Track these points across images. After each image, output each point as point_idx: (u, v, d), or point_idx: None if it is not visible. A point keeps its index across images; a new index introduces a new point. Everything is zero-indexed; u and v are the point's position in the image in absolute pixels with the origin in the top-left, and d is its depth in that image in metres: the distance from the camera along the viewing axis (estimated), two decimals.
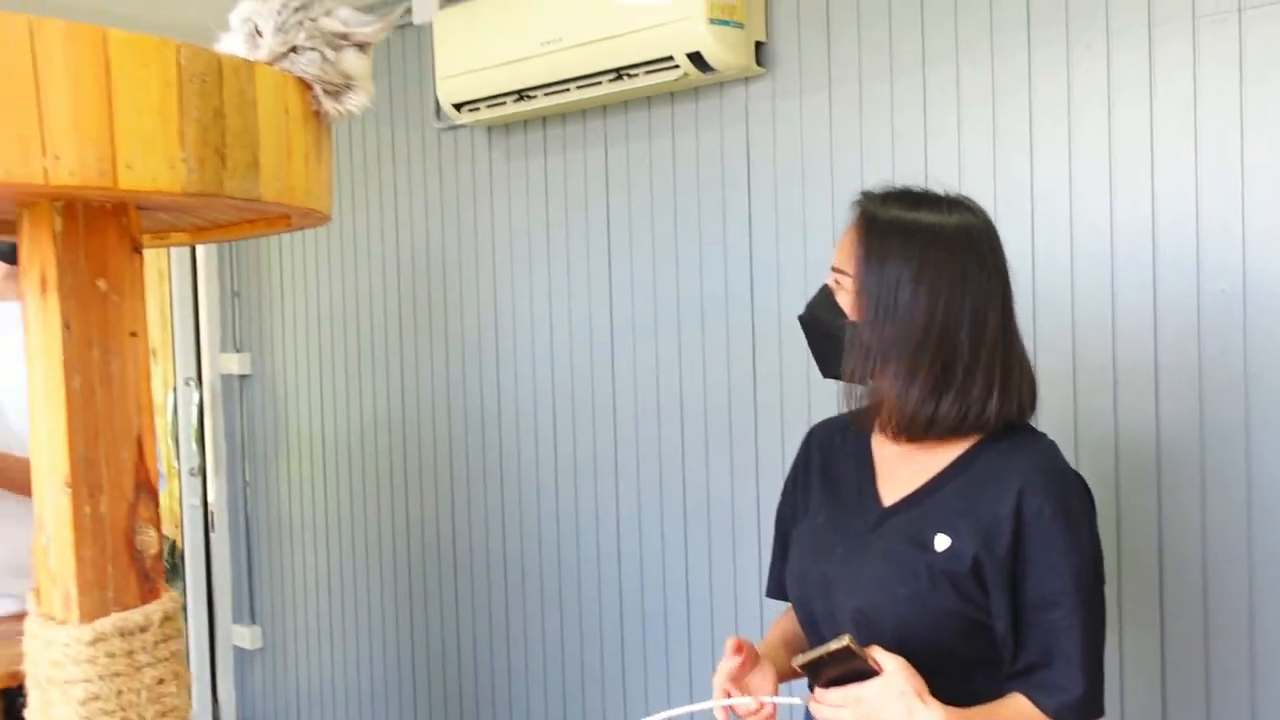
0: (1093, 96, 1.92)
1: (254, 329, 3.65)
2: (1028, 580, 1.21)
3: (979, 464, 1.27)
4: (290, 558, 3.59)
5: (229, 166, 0.92)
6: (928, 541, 1.24)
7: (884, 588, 1.25)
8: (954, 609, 1.22)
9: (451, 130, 2.95)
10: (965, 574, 1.22)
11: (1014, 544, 1.21)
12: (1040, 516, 1.21)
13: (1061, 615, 1.20)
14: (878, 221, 1.27)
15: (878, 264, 1.24)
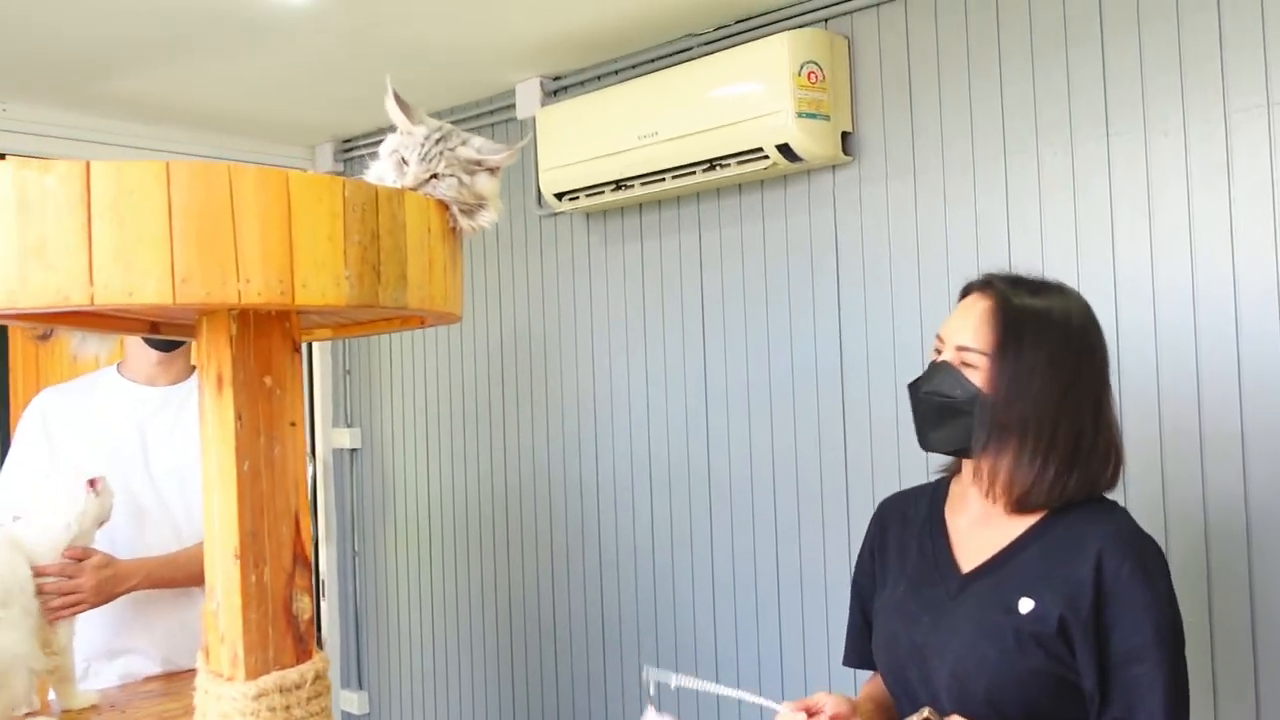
0: (1172, 181, 1.99)
1: (364, 405, 3.84)
2: (1112, 636, 1.28)
3: (1056, 530, 1.35)
4: (396, 625, 3.73)
5: (383, 280, 1.07)
6: (1012, 605, 1.32)
7: (974, 651, 1.32)
8: (1041, 668, 1.29)
9: (552, 216, 3.12)
10: (1051, 634, 1.29)
11: (1096, 603, 1.29)
12: (1120, 575, 1.29)
13: (1145, 670, 1.27)
14: (1012, 307, 1.37)
15: (1014, 348, 1.34)
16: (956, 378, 1.37)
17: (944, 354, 1.40)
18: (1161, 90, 2.00)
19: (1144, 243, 2.02)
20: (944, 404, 1.37)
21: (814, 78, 2.38)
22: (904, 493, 1.57)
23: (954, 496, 1.48)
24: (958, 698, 1.32)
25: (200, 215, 0.95)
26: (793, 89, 2.35)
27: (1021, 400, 1.33)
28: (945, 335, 1.41)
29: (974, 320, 1.38)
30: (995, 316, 1.36)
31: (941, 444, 1.40)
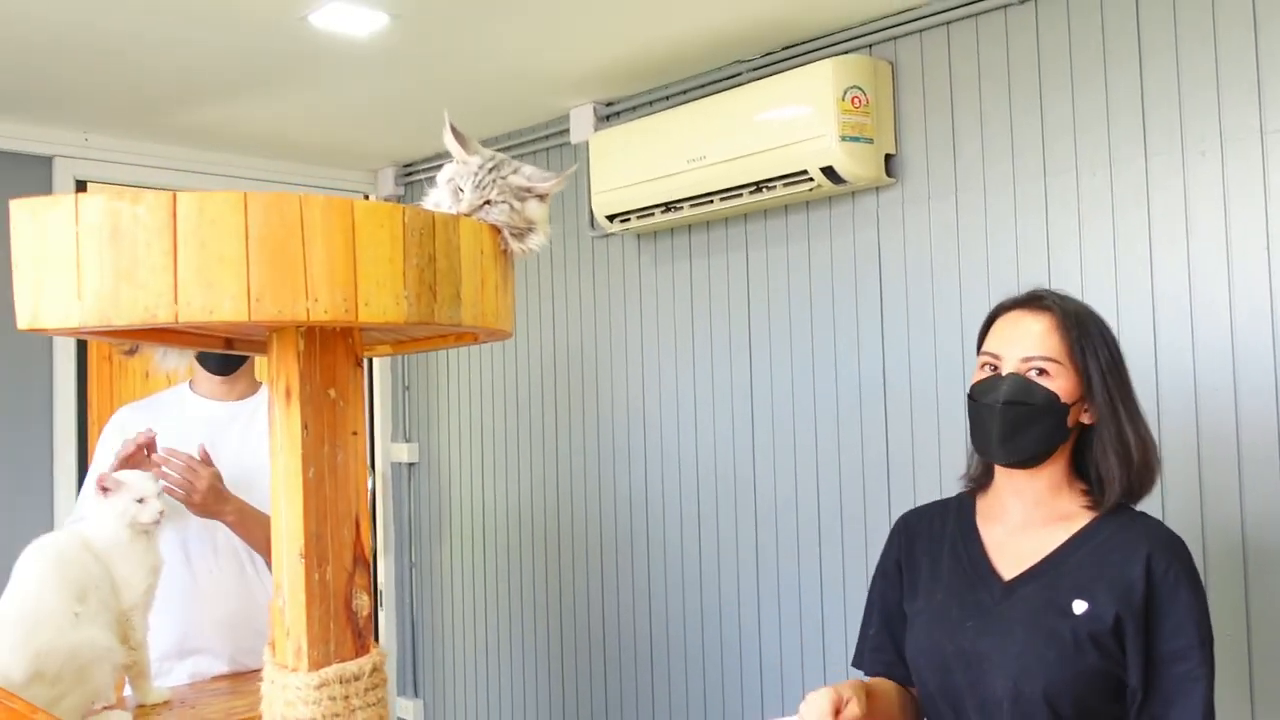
0: (1209, 200, 2.02)
1: (422, 421, 3.96)
2: (1159, 635, 1.36)
3: (1102, 536, 1.43)
4: (451, 635, 3.83)
5: (439, 299, 1.15)
6: (1066, 607, 1.38)
7: (1033, 652, 1.37)
8: (1095, 667, 1.36)
9: (604, 238, 3.21)
10: (1106, 633, 1.36)
11: (1146, 602, 1.37)
12: (1167, 578, 1.37)
13: (1189, 668, 1.35)
14: (1072, 316, 1.46)
15: (1085, 352, 1.44)
16: (1032, 386, 1.43)
17: (1005, 368, 1.46)
18: (1199, 111, 2.03)
19: (1181, 261, 2.05)
20: (1024, 412, 1.42)
21: (858, 102, 2.44)
22: (925, 508, 1.63)
23: (985, 510, 1.54)
24: (1014, 698, 1.37)
25: (273, 240, 1.04)
26: (837, 113, 2.42)
27: (1099, 398, 1.42)
28: (1000, 351, 1.47)
29: (1038, 332, 1.45)
30: (1062, 326, 1.44)
31: (1020, 452, 1.44)
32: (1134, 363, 2.09)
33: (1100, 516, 1.45)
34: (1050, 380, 1.43)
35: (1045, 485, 1.47)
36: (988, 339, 1.51)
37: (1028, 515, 1.48)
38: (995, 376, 1.46)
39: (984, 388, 1.47)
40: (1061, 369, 1.43)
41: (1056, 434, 1.43)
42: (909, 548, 1.58)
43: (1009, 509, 1.50)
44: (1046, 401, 1.42)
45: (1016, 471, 1.47)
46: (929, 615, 1.50)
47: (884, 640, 1.60)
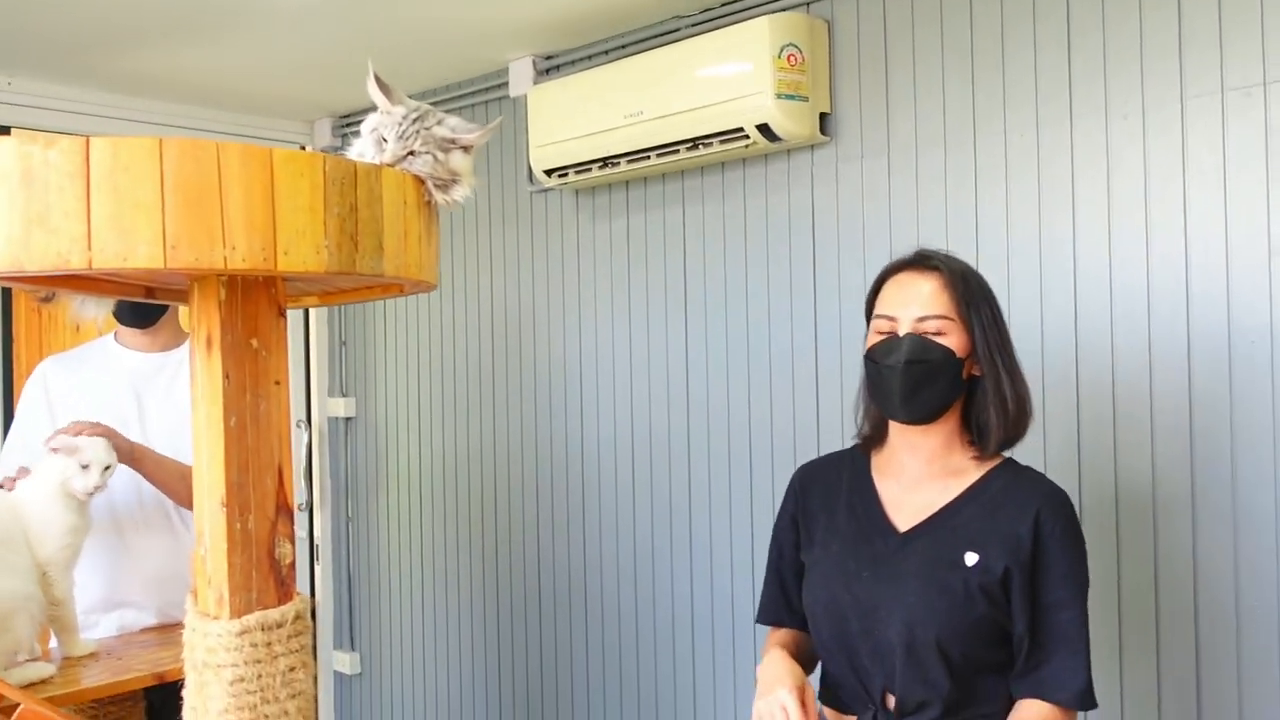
0: (1130, 164, 2.07)
1: (359, 375, 3.94)
2: (1044, 586, 1.44)
3: (992, 491, 1.50)
4: (388, 588, 3.84)
5: (361, 250, 1.15)
6: (958, 559, 1.45)
7: (925, 602, 1.44)
8: (985, 615, 1.43)
9: (543, 193, 3.20)
10: (996, 583, 1.43)
11: (1033, 556, 1.44)
12: (1054, 533, 1.46)
13: (1069, 617, 1.44)
14: (958, 275, 1.52)
15: (974, 309, 1.50)
16: (929, 345, 1.48)
17: (902, 328, 1.50)
18: (1122, 76, 2.07)
19: (1102, 221, 2.10)
20: (923, 370, 1.47)
21: (794, 60, 2.45)
22: (820, 461, 1.69)
23: (879, 465, 1.60)
24: (907, 645, 1.43)
25: (189, 187, 1.03)
26: (773, 71, 2.42)
27: (988, 353, 1.49)
28: (896, 312, 1.52)
29: (929, 291, 1.50)
30: (950, 285, 1.49)
31: (923, 409, 1.49)
32: (1058, 322, 2.15)
33: (990, 471, 1.52)
34: (945, 338, 1.48)
35: (939, 441, 1.52)
36: (880, 301, 1.55)
37: (921, 470, 1.54)
38: (893, 337, 1.50)
39: (884, 349, 1.51)
40: (953, 325, 1.48)
41: (953, 389, 1.49)
42: (805, 501, 1.63)
43: (904, 464, 1.55)
44: (944, 358, 1.47)
45: (911, 428, 1.52)
46: (826, 566, 1.55)
47: (777, 596, 1.66)
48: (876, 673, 1.47)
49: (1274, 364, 1.90)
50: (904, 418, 1.51)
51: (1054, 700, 1.41)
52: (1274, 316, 1.90)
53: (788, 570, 1.65)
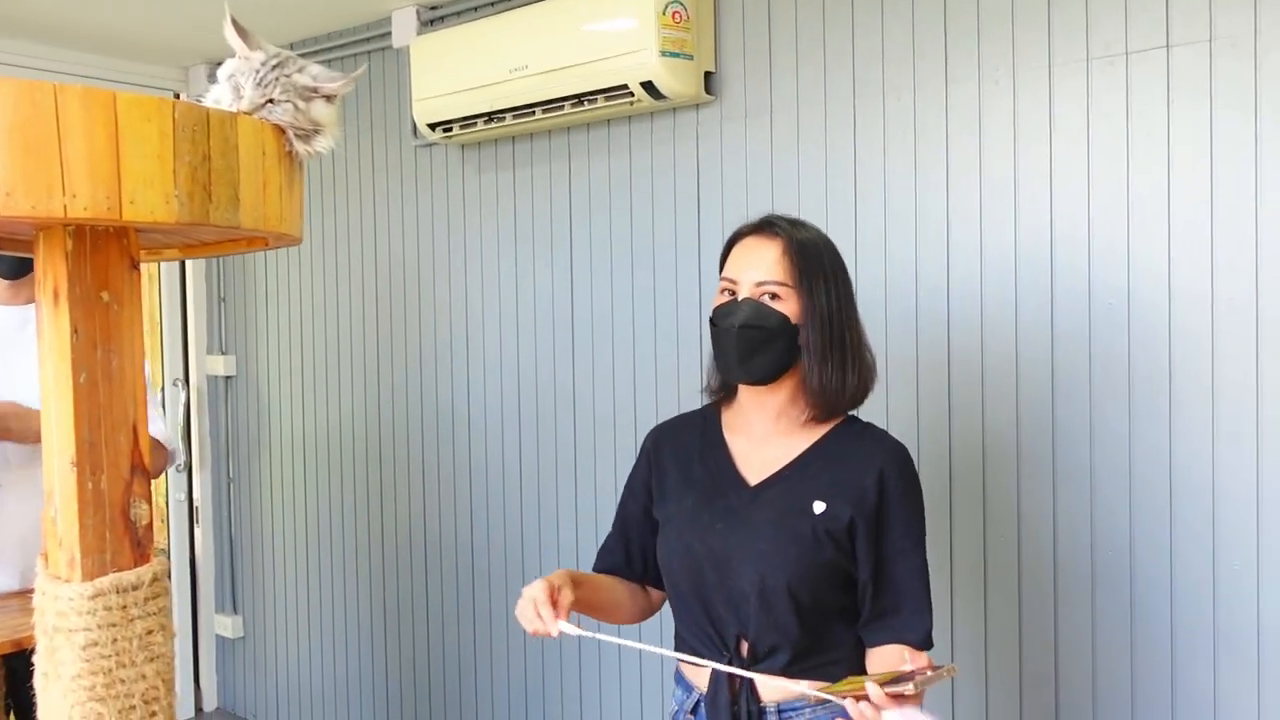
0: (1001, 126, 2.12)
1: (239, 333, 3.83)
2: (887, 537, 1.51)
3: (837, 446, 1.56)
4: (271, 551, 3.77)
5: (215, 200, 1.11)
6: (807, 507, 1.50)
7: (777, 549, 1.49)
8: (832, 561, 1.49)
9: (427, 147, 3.14)
10: (842, 531, 1.49)
11: (879, 506, 1.51)
12: (897, 487, 1.53)
13: (912, 565, 1.51)
14: (799, 242, 1.54)
15: (811, 277, 1.52)
16: (764, 309, 1.51)
17: (741, 293, 1.53)
18: (995, 42, 2.12)
19: (974, 181, 2.16)
20: (757, 334, 1.50)
21: (678, 17, 2.44)
22: (672, 421, 1.73)
23: (730, 422, 1.64)
24: (760, 591, 1.48)
25: (25, 131, 0.98)
26: (657, 28, 2.41)
27: (824, 320, 1.52)
28: (736, 276, 1.55)
29: (770, 258, 1.53)
30: (789, 252, 1.52)
31: (756, 371, 1.53)
32: (931, 278, 2.21)
33: (835, 428, 1.57)
34: (782, 304, 1.51)
35: (784, 399, 1.56)
36: (726, 264, 1.59)
37: (769, 426, 1.58)
38: (733, 301, 1.54)
39: (723, 311, 1.55)
40: (791, 292, 1.51)
41: (789, 353, 1.52)
42: (658, 459, 1.67)
43: (752, 421, 1.60)
44: (779, 324, 1.50)
45: (756, 387, 1.56)
46: (680, 519, 1.59)
47: (618, 545, 1.70)
48: (730, 620, 1.52)
49: (1131, 322, 1.98)
50: (740, 379, 1.56)
51: (905, 642, 1.49)
52: (1132, 276, 1.98)
53: (632, 527, 1.69)
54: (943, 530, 2.22)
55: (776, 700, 1.50)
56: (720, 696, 1.51)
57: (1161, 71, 1.94)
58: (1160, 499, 1.97)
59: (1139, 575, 2.00)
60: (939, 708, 2.23)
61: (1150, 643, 1.99)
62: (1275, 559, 1.86)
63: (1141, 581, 2.00)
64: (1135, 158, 1.98)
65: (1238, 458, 1.89)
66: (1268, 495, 1.86)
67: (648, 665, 2.70)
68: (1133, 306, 1.98)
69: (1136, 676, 2.01)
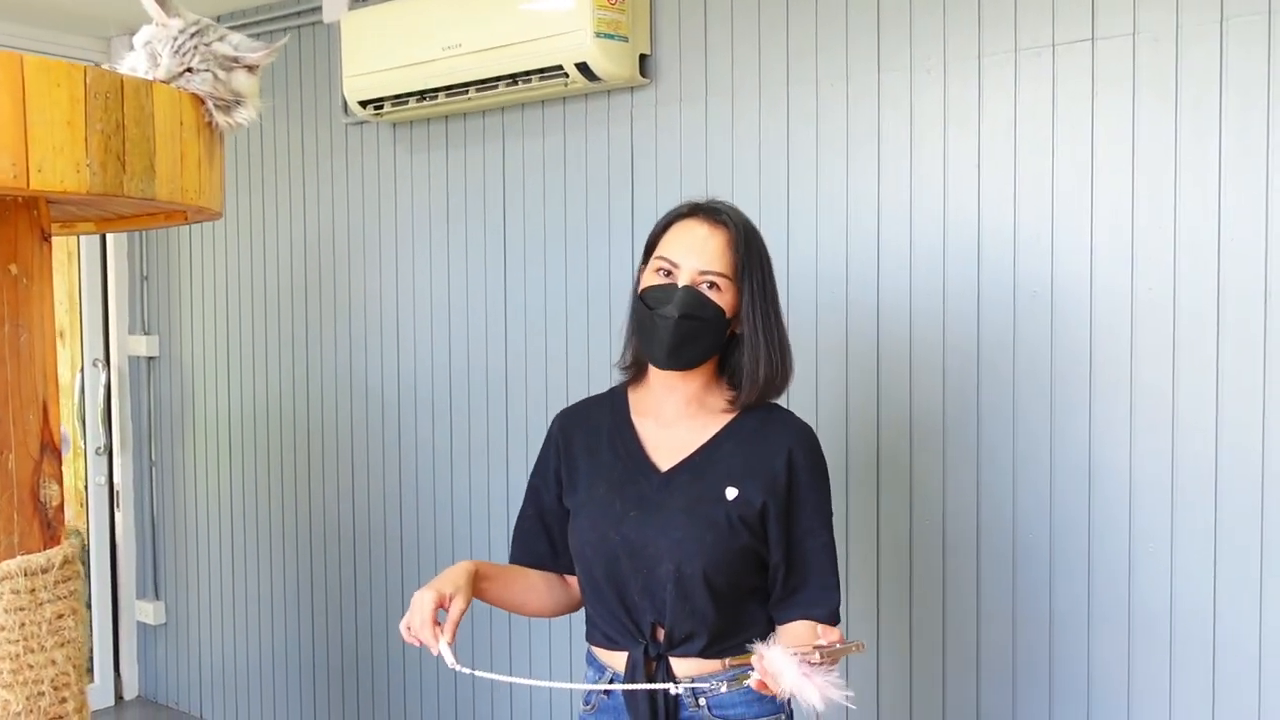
0: (931, 115, 2.14)
1: (162, 312, 3.74)
2: (797, 517, 1.53)
3: (747, 430, 1.56)
4: (194, 536, 3.69)
5: (128, 170, 1.08)
6: (719, 494, 1.51)
7: (693, 536, 1.49)
8: (746, 546, 1.50)
9: (358, 125, 3.08)
10: (755, 516, 1.50)
11: (789, 488, 1.52)
12: (806, 468, 1.54)
13: (821, 544, 1.54)
14: (744, 233, 1.53)
15: (751, 270, 1.52)
16: (704, 300, 1.50)
17: (681, 278, 1.51)
18: (926, 32, 2.14)
19: (905, 169, 2.18)
20: (695, 326, 1.49)
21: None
22: (579, 405, 1.71)
23: (638, 404, 1.62)
24: (676, 579, 1.48)
25: None
26: (592, 9, 2.39)
27: (758, 313, 1.52)
28: (679, 260, 1.52)
29: (714, 247, 1.51)
30: (735, 243, 1.51)
31: (688, 360, 1.52)
32: (861, 264, 2.22)
33: (744, 411, 1.57)
34: (719, 295, 1.51)
35: (697, 384, 1.57)
36: (664, 242, 1.55)
37: (679, 411, 1.57)
38: (671, 285, 1.51)
39: (659, 295, 1.51)
40: (729, 284, 1.51)
41: (716, 344, 1.54)
42: (567, 446, 1.65)
43: (663, 405, 1.58)
44: (715, 316, 1.50)
45: (672, 372, 1.55)
46: (592, 508, 1.57)
47: (539, 536, 1.68)
48: (646, 608, 1.52)
49: (1054, 311, 2.02)
50: (667, 366, 1.55)
51: (813, 617, 1.50)
52: (1056, 266, 2.02)
53: (551, 517, 1.67)
54: (870, 512, 2.25)
55: (691, 675, 1.51)
56: (637, 679, 1.51)
57: (1087, 64, 1.98)
58: (1079, 482, 2.02)
59: (1058, 555, 2.04)
60: (864, 685, 2.26)
61: (1068, 620, 2.04)
62: (1188, 541, 1.92)
63: (1061, 562, 2.04)
64: (1060, 149, 2.01)
65: (1154, 443, 1.94)
66: (1182, 480, 1.92)
67: (566, 647, 2.70)
68: (1055, 295, 2.02)
69: (1054, 652, 2.06)
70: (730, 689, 1.50)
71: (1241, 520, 1.87)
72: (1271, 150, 1.82)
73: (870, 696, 2.27)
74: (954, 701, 2.17)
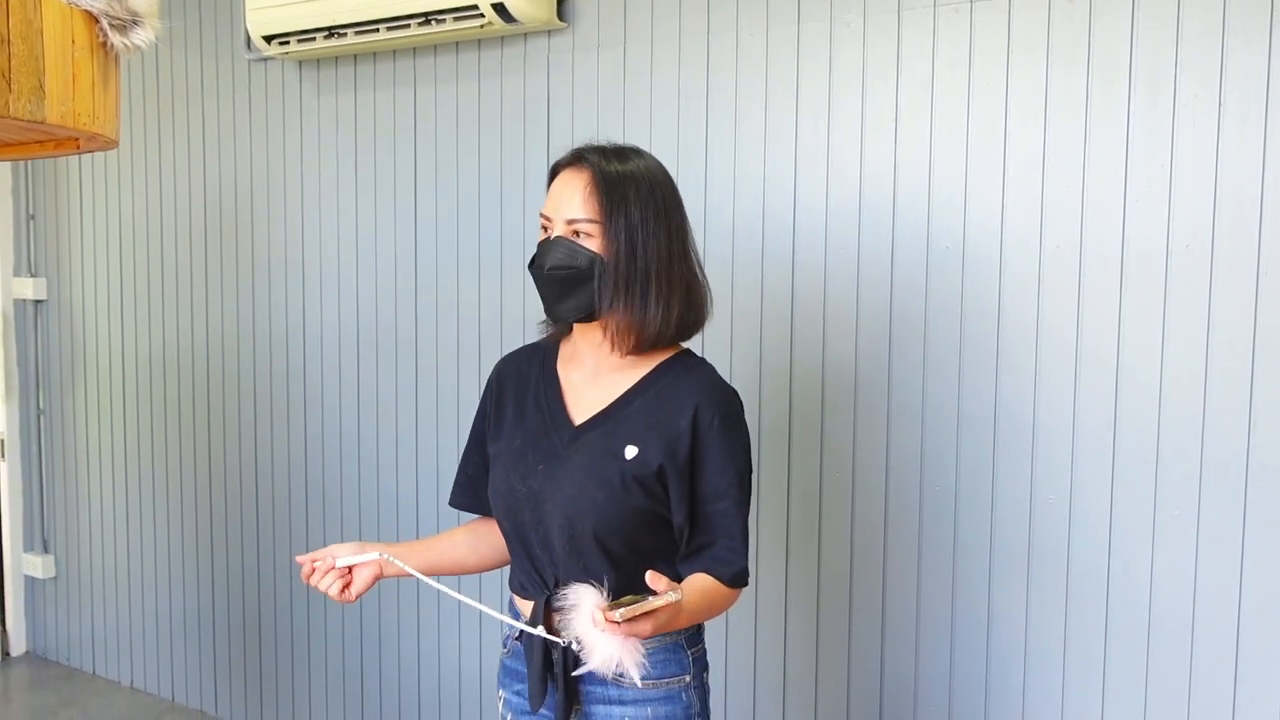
0: (849, 70, 2.14)
1: (51, 253, 3.56)
2: (701, 477, 1.47)
3: (659, 385, 1.51)
4: (86, 486, 3.56)
5: (15, 90, 1.01)
6: (619, 452, 1.46)
7: (584, 493, 1.45)
8: (642, 507, 1.45)
9: (262, 62, 2.96)
10: (651, 477, 1.45)
11: (692, 449, 1.46)
12: (711, 426, 1.47)
13: (727, 505, 1.47)
14: (608, 175, 1.46)
15: (620, 211, 1.45)
16: (574, 249, 1.46)
17: (554, 230, 1.48)
18: None
19: (823, 119, 2.18)
20: (568, 275, 1.46)
21: None
22: (519, 351, 1.67)
23: (565, 355, 1.59)
24: (569, 536, 1.46)
25: None
26: None
27: (636, 256, 1.45)
28: (551, 213, 1.48)
29: (579, 194, 1.46)
30: (597, 186, 1.45)
31: (570, 313, 1.48)
32: (777, 215, 2.22)
33: (661, 364, 1.51)
34: (591, 240, 1.45)
35: (611, 333, 1.50)
36: (546, 199, 1.52)
37: (599, 362, 1.53)
38: (547, 239, 1.49)
39: (539, 251, 1.49)
40: (598, 228, 1.45)
41: None
42: (499, 394, 1.62)
43: (584, 356, 1.55)
44: (589, 263, 1.45)
45: (581, 324, 1.52)
46: (507, 459, 1.55)
47: (481, 479, 1.65)
48: (546, 561, 1.50)
49: (965, 265, 2.05)
50: (557, 319, 1.52)
51: (715, 575, 1.46)
52: (968, 221, 2.04)
53: (478, 460, 1.65)
54: (780, 466, 2.27)
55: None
56: (536, 625, 1.48)
57: (1003, 24, 1.99)
58: (984, 434, 2.06)
59: (962, 506, 2.09)
60: (773, 636, 2.30)
61: (970, 570, 2.09)
62: (1087, 492, 1.98)
63: (965, 512, 2.09)
64: (975, 107, 2.03)
65: (1059, 397, 1.99)
66: (1083, 430, 1.97)
67: (486, 591, 2.68)
68: (967, 250, 2.05)
69: (956, 601, 2.11)
70: None
71: (1139, 466, 1.93)
72: (1178, 111, 1.87)
73: (778, 654, 2.30)
74: (858, 654, 2.22)
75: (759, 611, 2.33)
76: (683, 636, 1.51)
